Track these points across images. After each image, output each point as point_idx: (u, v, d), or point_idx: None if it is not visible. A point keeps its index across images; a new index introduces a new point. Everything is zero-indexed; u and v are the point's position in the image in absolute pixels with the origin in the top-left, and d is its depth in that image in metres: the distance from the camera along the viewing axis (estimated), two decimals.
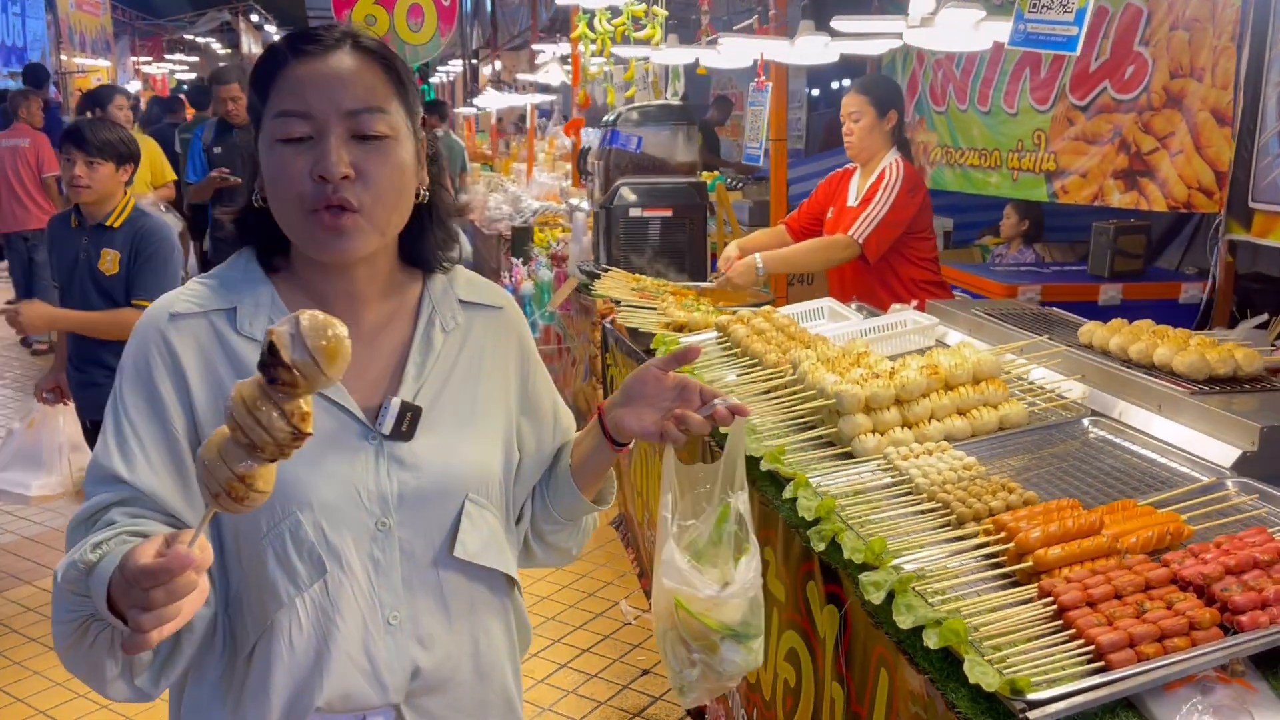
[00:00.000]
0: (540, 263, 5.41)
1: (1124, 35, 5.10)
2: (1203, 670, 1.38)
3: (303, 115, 1.24)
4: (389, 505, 1.29)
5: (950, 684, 1.47)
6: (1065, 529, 1.62)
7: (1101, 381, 2.34)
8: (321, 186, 1.23)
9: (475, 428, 1.39)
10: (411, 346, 1.37)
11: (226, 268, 1.37)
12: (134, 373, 1.28)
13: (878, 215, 3.67)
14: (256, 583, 1.26)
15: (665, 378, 1.42)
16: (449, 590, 1.35)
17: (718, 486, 1.48)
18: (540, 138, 10.19)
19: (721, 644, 1.42)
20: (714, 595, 1.40)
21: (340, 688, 1.28)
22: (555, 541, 1.56)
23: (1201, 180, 4.65)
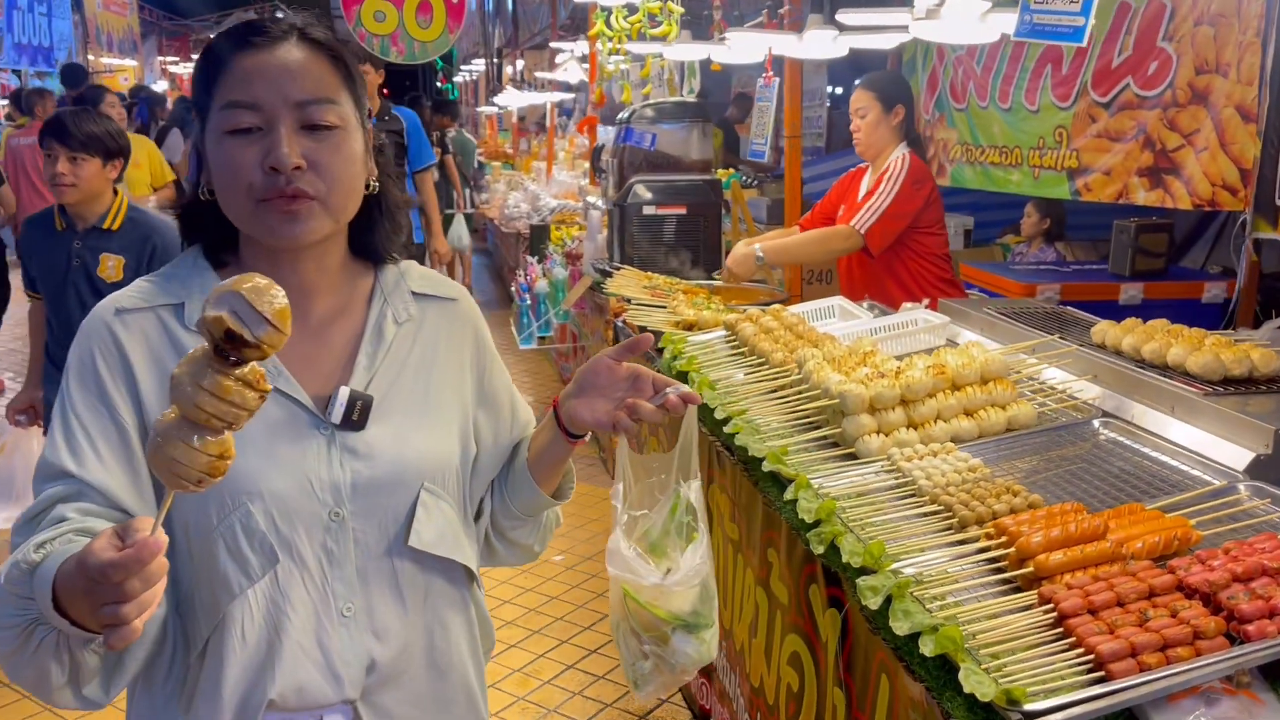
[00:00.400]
0: (555, 261, 5.39)
1: (1147, 31, 5.01)
2: (1207, 681, 1.33)
3: (251, 106, 1.23)
4: (342, 495, 1.28)
5: (946, 693, 1.43)
6: (1068, 534, 1.58)
7: (1113, 382, 2.29)
8: (273, 178, 1.23)
9: (430, 418, 1.38)
10: (363, 337, 1.36)
11: (174, 266, 1.36)
12: (80, 369, 1.27)
13: (880, 206, 3.63)
14: (209, 577, 1.25)
15: (618, 368, 1.41)
16: (404, 581, 1.34)
17: (672, 476, 1.46)
18: (560, 136, 10.19)
19: (673, 635, 1.40)
20: (658, 583, 1.38)
21: (293, 680, 1.26)
22: (516, 538, 1.54)
23: (1226, 178, 4.56)
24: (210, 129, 1.27)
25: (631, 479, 1.48)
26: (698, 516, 1.44)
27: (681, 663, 1.42)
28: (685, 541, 1.43)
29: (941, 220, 3.85)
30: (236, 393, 0.99)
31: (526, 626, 3.80)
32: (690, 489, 1.45)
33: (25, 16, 11.68)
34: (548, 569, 4.27)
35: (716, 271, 4.22)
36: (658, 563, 1.42)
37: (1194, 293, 4.79)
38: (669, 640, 1.40)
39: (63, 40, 12.64)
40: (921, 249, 3.75)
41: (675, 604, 1.39)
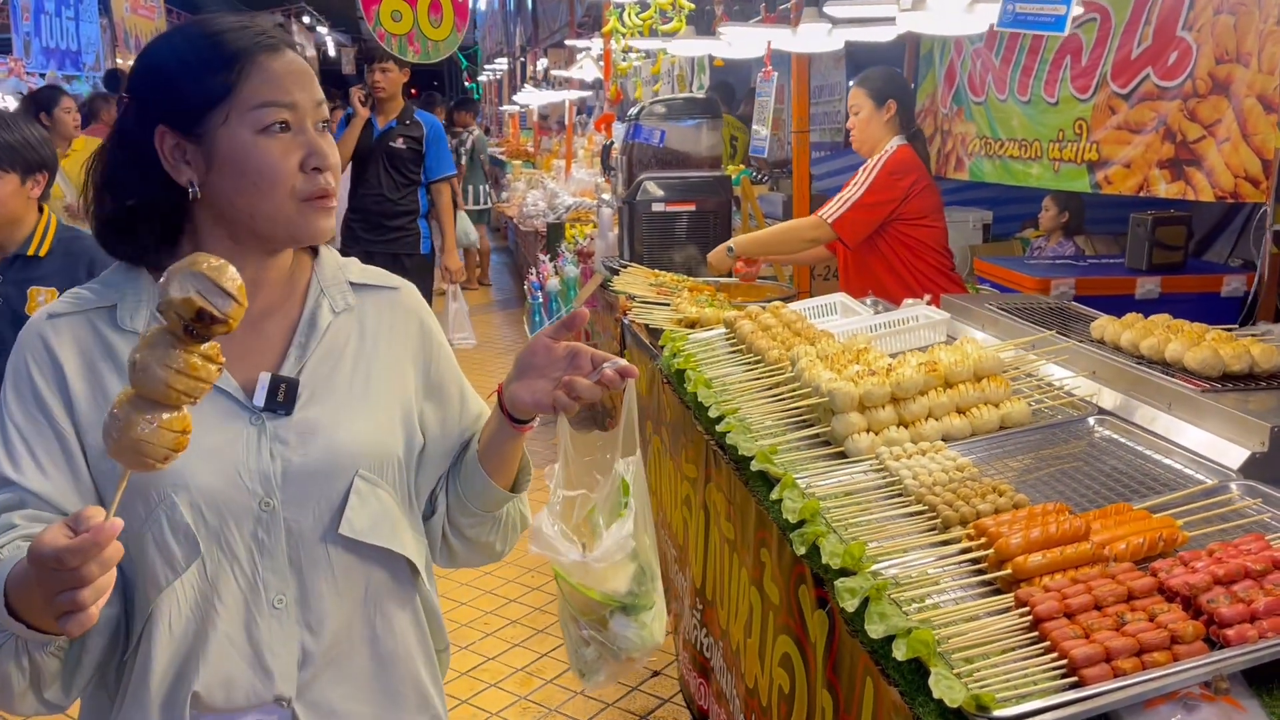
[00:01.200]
0: (566, 259, 5.38)
1: (1167, 20, 4.93)
2: (1185, 687, 1.29)
3: (289, 106, 1.27)
4: (272, 485, 1.28)
5: (919, 697, 1.40)
6: (1048, 535, 1.54)
7: (1110, 378, 2.24)
8: (314, 177, 1.27)
9: (368, 405, 1.37)
10: (297, 327, 1.37)
11: (109, 272, 1.36)
12: (15, 378, 1.28)
13: (852, 197, 3.61)
14: (140, 571, 1.25)
15: (555, 346, 1.39)
16: (340, 571, 1.33)
17: (617, 453, 1.43)
18: (579, 134, 10.18)
19: (611, 618, 1.38)
20: (580, 560, 1.35)
21: (219, 673, 1.25)
22: (475, 536, 1.51)
23: (1248, 169, 4.47)
24: (232, 130, 1.25)
25: (571, 457, 1.46)
26: (630, 492, 1.41)
27: (624, 647, 1.39)
28: (616, 517, 1.41)
29: (937, 213, 3.80)
30: (203, 368, 1.04)
31: (530, 625, 3.79)
32: (628, 465, 1.42)
33: (53, 21, 11.83)
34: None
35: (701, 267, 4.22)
36: (580, 538, 1.40)
37: (1213, 286, 4.71)
38: (608, 624, 1.38)
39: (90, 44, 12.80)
40: (914, 242, 3.70)
41: (609, 584, 1.36)
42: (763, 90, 3.91)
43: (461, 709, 3.25)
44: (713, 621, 2.83)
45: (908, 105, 3.79)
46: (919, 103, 7.37)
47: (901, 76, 4.12)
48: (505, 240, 13.10)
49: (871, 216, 3.62)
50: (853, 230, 3.63)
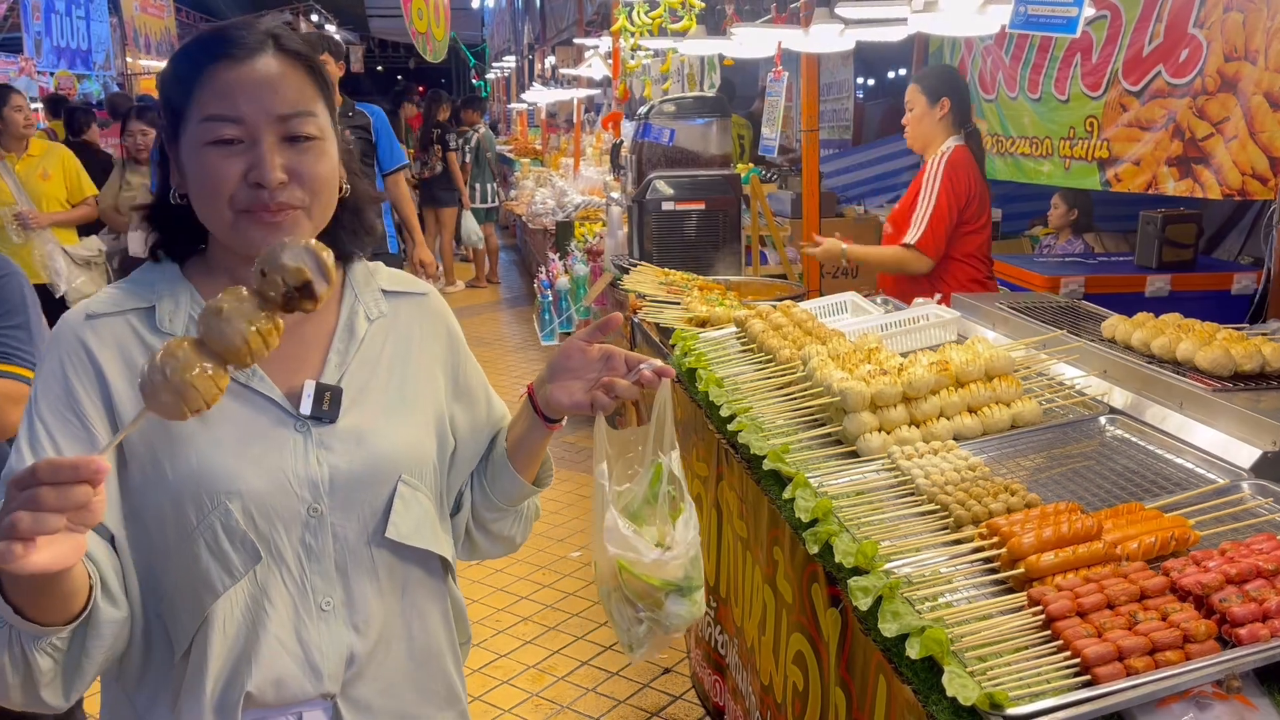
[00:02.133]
0: (576, 258, 5.39)
1: (1178, 17, 4.92)
2: (1197, 685, 1.31)
3: (234, 120, 1.23)
4: (320, 491, 1.29)
5: (933, 695, 1.42)
6: (1060, 534, 1.55)
7: (1122, 378, 2.25)
8: (256, 192, 1.24)
9: (406, 411, 1.39)
10: (334, 334, 1.38)
11: (142, 271, 1.36)
12: (49, 377, 1.27)
13: (925, 214, 3.67)
14: (190, 578, 1.26)
15: (590, 349, 1.41)
16: (383, 573, 1.35)
17: (649, 448, 1.47)
18: (588, 132, 10.19)
19: (666, 599, 1.42)
20: (658, 559, 1.40)
21: (271, 673, 1.27)
22: (498, 530, 1.55)
23: (1255, 166, 4.47)
24: (187, 139, 1.27)
25: (611, 456, 1.49)
26: (681, 486, 1.45)
27: (674, 624, 1.45)
28: (672, 512, 1.45)
29: (984, 217, 3.81)
30: (272, 340, 1.08)
31: (542, 623, 3.81)
32: (671, 459, 1.46)
33: (63, 20, 11.87)
34: (565, 565, 4.28)
35: (800, 243, 4.20)
36: (644, 533, 1.44)
37: (1223, 284, 4.70)
38: (663, 605, 1.43)
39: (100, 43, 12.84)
40: (959, 250, 3.73)
41: (669, 573, 1.41)
42: (773, 90, 3.91)
43: (474, 705, 3.27)
44: (727, 619, 2.84)
45: (962, 103, 3.81)
46: None
47: (957, 74, 4.19)
48: (514, 238, 13.12)
49: (946, 226, 3.67)
50: (935, 245, 3.68)
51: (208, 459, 1.25)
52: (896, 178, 7.48)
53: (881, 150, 7.63)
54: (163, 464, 1.25)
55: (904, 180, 7.50)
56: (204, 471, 1.24)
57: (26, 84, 11.01)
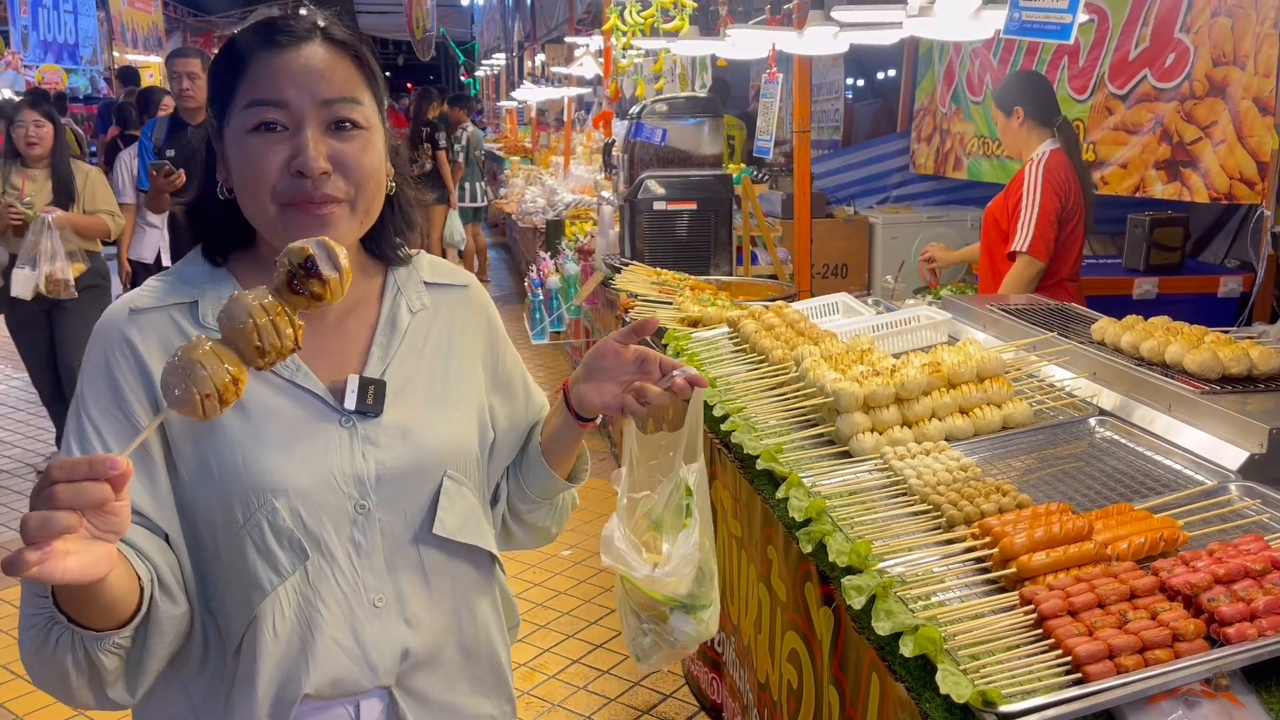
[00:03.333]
0: (568, 256, 5.40)
1: (1164, 22, 4.96)
2: (1186, 684, 1.33)
3: (276, 104, 1.22)
4: (366, 487, 1.29)
5: (926, 693, 1.43)
6: (1051, 534, 1.57)
7: (1111, 380, 2.27)
8: (299, 181, 1.22)
9: (449, 405, 1.38)
10: (377, 328, 1.37)
11: (185, 264, 1.35)
12: (94, 373, 1.26)
13: (1030, 219, 3.69)
14: (238, 576, 1.25)
15: (625, 351, 1.41)
16: (431, 569, 1.35)
17: (678, 455, 1.46)
18: (579, 130, 10.19)
19: (671, 615, 1.41)
20: (648, 575, 1.38)
21: (328, 673, 1.27)
22: (533, 521, 1.56)
23: (1243, 170, 4.51)
24: (231, 128, 1.26)
25: (637, 460, 1.48)
26: (694, 499, 1.44)
27: (681, 640, 1.43)
28: (680, 524, 1.44)
29: (1074, 235, 3.79)
30: (284, 320, 1.04)
31: (533, 621, 3.82)
32: (690, 471, 1.45)
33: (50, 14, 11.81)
34: (556, 563, 4.29)
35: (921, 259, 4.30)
36: (657, 540, 1.43)
37: (1210, 287, 4.74)
38: (667, 619, 1.42)
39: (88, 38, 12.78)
40: (1045, 276, 3.73)
41: (670, 589, 1.40)
42: (767, 91, 3.93)
43: None
44: (723, 617, 2.86)
45: (1039, 103, 3.83)
46: (917, 102, 7.41)
47: (1025, 77, 4.26)
48: (503, 236, 13.11)
49: (1052, 227, 3.69)
50: (1045, 247, 3.69)
51: (253, 457, 1.24)
52: (886, 178, 7.51)
53: (872, 151, 7.66)
54: (209, 462, 1.24)
55: (893, 181, 7.53)
56: (250, 469, 1.23)
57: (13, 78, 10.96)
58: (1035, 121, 3.79)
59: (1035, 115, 3.79)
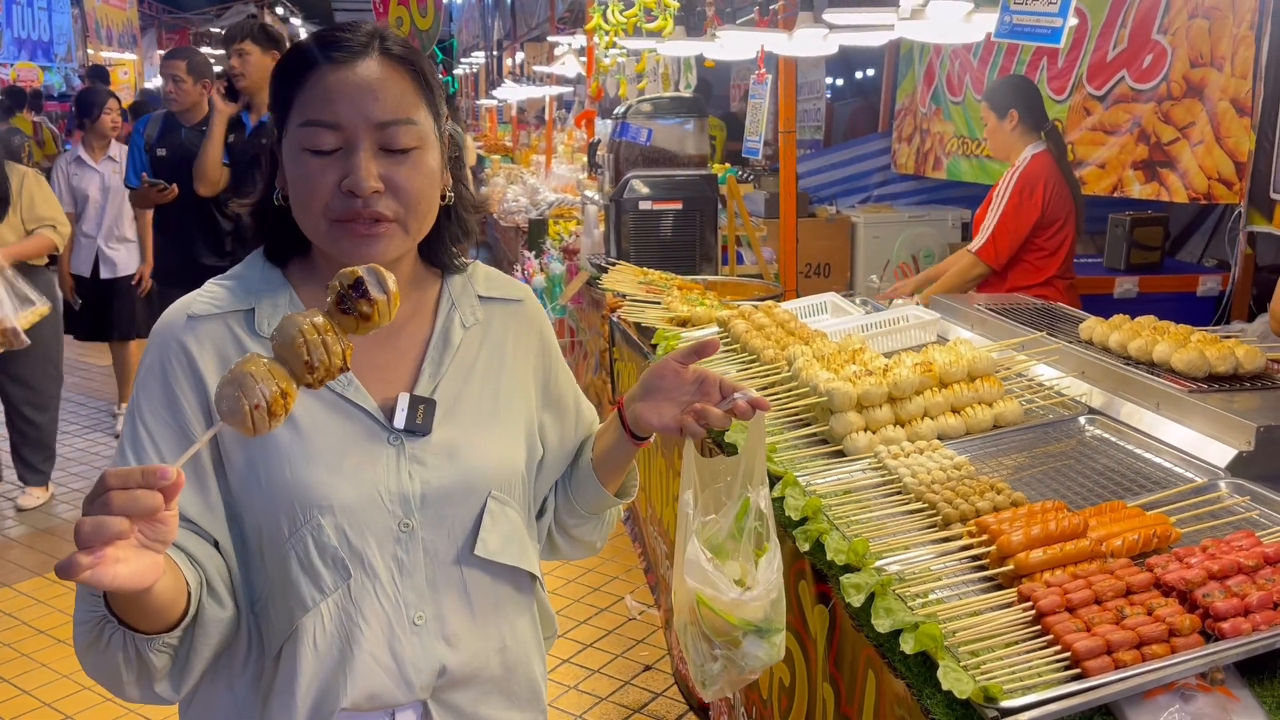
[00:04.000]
0: (552, 256, 5.41)
1: (1142, 23, 5.02)
2: (1182, 678, 1.35)
3: (331, 126, 1.23)
4: (411, 506, 1.29)
5: (926, 689, 1.45)
6: (1048, 532, 1.60)
7: (1100, 379, 2.31)
8: (350, 200, 1.23)
9: (498, 424, 1.38)
10: (429, 344, 1.37)
11: (244, 267, 1.36)
12: (150, 380, 1.27)
13: (990, 224, 3.81)
14: (281, 587, 1.26)
15: (684, 371, 1.41)
16: (473, 589, 1.34)
17: (738, 481, 1.46)
18: (560, 129, 10.18)
19: (744, 639, 1.42)
20: (737, 599, 1.39)
21: (366, 688, 1.27)
22: (579, 535, 1.55)
23: (1221, 171, 4.58)
24: (288, 141, 1.27)
25: (698, 484, 1.48)
26: (768, 523, 1.44)
27: (751, 665, 1.43)
28: (755, 549, 1.43)
29: (1060, 235, 3.85)
30: (334, 339, 1.06)
31: None
32: (760, 494, 1.44)
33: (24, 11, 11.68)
34: (545, 564, 4.29)
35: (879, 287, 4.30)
36: (726, 568, 1.43)
37: (1189, 286, 4.81)
38: (740, 644, 1.41)
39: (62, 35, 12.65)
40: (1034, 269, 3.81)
41: (749, 613, 1.40)
42: (756, 93, 3.95)
43: None
44: None
45: (1031, 108, 3.92)
46: (898, 102, 7.46)
47: (1019, 81, 4.28)
48: (483, 235, 13.08)
49: (1015, 239, 3.78)
50: (997, 255, 3.80)
51: (301, 471, 1.24)
52: (868, 178, 7.55)
53: (853, 151, 7.70)
54: (258, 473, 1.24)
55: (874, 181, 7.58)
56: (297, 484, 1.24)
57: None
58: (1027, 126, 3.86)
59: (1027, 119, 3.87)
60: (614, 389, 4.26)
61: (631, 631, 3.76)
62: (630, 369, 3.87)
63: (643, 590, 4.00)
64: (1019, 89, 4.03)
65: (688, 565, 1.41)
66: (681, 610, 1.47)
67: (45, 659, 3.66)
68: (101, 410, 6.72)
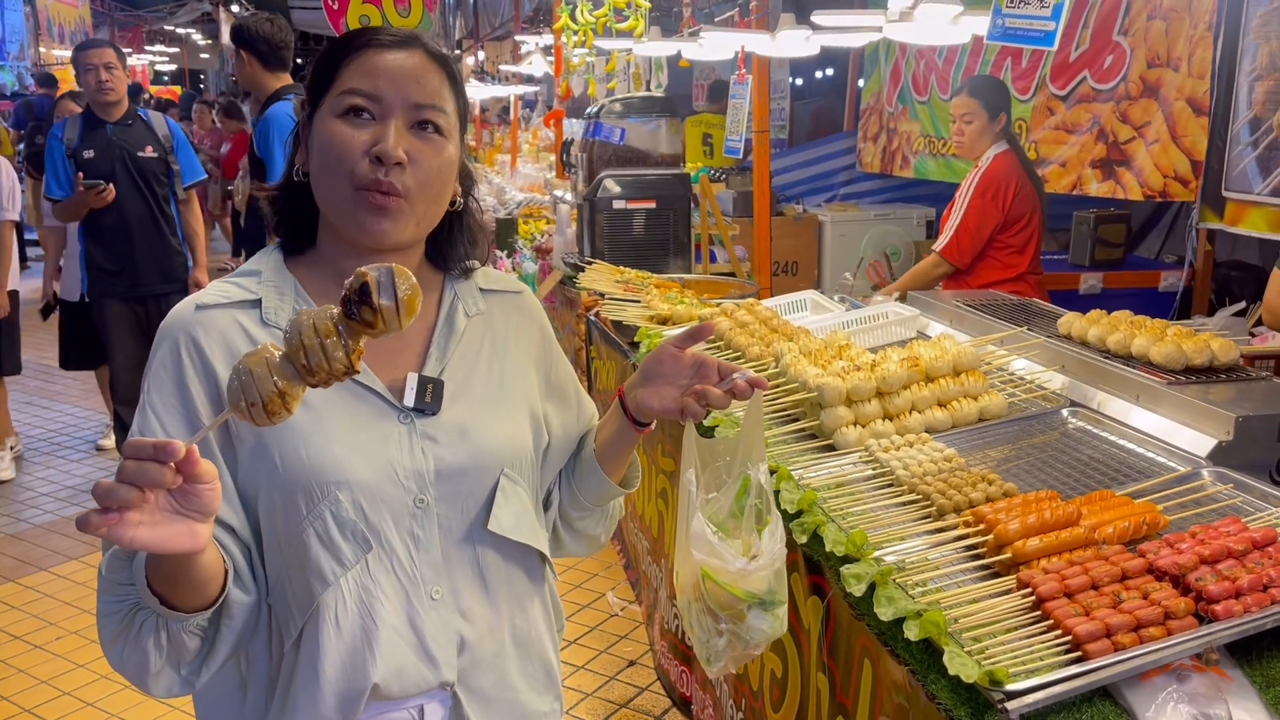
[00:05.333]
0: (525, 255, 5.41)
1: (1104, 25, 5.13)
2: (1178, 659, 1.40)
3: (371, 96, 1.29)
4: (426, 482, 1.31)
5: (930, 675, 1.49)
6: (1043, 521, 1.64)
7: (1080, 372, 2.37)
8: (374, 167, 1.27)
9: (504, 405, 1.41)
10: (435, 329, 1.40)
11: (253, 263, 1.39)
12: (160, 369, 1.29)
13: (953, 224, 3.86)
14: (300, 566, 1.27)
15: (682, 355, 1.45)
16: (486, 565, 1.37)
17: (737, 459, 1.50)
18: (524, 129, 10.16)
19: (749, 612, 1.45)
20: (743, 568, 1.42)
21: (392, 663, 1.29)
22: (583, 528, 1.59)
23: (1177, 169, 4.69)
24: (321, 113, 1.32)
25: (699, 464, 1.51)
26: (768, 498, 1.48)
27: (756, 638, 1.47)
28: (758, 523, 1.47)
29: (1026, 231, 3.91)
30: (336, 344, 1.04)
31: None
32: (760, 471, 1.48)
33: None
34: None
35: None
36: (730, 544, 1.47)
37: (1151, 281, 4.92)
38: (745, 617, 1.46)
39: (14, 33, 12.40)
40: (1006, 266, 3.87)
41: (754, 584, 1.44)
42: (737, 93, 3.99)
43: None
44: None
45: (1009, 113, 3.99)
46: (864, 101, 7.54)
47: (1000, 83, 4.33)
48: None
49: (977, 238, 3.85)
50: (960, 254, 3.87)
51: (317, 450, 1.26)
52: (834, 177, 7.64)
53: (819, 150, 7.78)
54: (272, 455, 1.26)
55: (840, 180, 7.67)
56: (314, 462, 1.26)
57: None
58: (1001, 128, 3.92)
59: (1008, 123, 3.95)
60: (591, 387, 4.27)
61: (614, 628, 3.77)
62: (608, 367, 3.89)
63: (624, 587, 4.02)
64: (1007, 94, 4.08)
65: (694, 539, 1.45)
66: (685, 588, 1.51)
67: (39, 639, 3.61)
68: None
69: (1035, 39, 1.90)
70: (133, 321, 4.90)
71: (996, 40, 1.97)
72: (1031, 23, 1.86)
